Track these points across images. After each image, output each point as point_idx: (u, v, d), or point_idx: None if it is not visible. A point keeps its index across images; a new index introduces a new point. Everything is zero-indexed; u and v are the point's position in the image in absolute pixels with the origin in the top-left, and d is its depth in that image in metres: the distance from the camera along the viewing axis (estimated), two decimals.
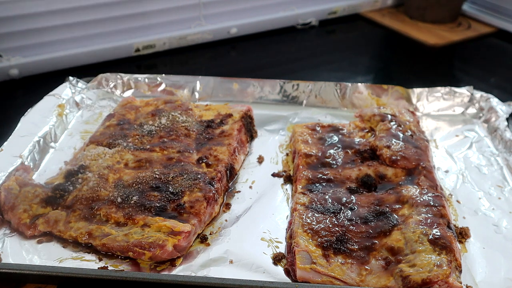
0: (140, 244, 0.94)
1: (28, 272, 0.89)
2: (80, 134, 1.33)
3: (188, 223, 0.99)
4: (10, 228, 1.02)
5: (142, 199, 1.04)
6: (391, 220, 1.00)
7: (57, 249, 0.98)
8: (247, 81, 1.50)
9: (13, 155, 1.16)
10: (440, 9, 2.13)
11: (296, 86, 1.48)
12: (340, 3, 2.22)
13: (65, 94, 1.41)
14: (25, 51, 1.70)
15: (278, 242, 1.01)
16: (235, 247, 0.99)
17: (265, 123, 1.40)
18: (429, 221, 0.97)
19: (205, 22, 1.96)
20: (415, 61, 1.96)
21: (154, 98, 1.42)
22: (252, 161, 1.26)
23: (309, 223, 0.99)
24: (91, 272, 0.89)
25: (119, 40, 1.84)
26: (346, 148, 1.21)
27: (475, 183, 1.18)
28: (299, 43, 2.05)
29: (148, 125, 1.28)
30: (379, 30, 2.18)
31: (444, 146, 1.31)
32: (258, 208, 1.10)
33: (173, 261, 0.95)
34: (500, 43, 2.05)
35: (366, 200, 1.06)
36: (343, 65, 1.92)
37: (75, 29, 1.76)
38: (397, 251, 0.93)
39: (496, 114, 1.36)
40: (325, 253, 0.94)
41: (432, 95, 1.46)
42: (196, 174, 1.10)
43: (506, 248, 1.00)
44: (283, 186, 1.17)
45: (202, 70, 1.83)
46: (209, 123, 1.29)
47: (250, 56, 1.97)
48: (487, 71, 1.85)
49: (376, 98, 1.46)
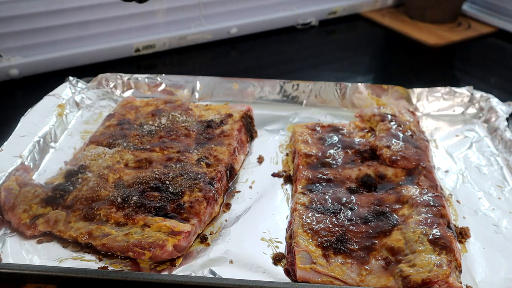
0: (140, 244, 0.94)
1: (28, 272, 0.89)
2: (80, 134, 1.33)
3: (188, 223, 0.99)
4: (10, 228, 1.02)
5: (142, 199, 1.04)
6: (391, 220, 1.00)
7: (57, 249, 0.98)
8: (247, 81, 1.50)
9: (13, 155, 1.16)
10: (440, 9, 2.13)
11: (296, 86, 1.48)
12: (340, 3, 2.22)
13: (65, 94, 1.41)
14: (25, 51, 1.70)
15: (278, 242, 1.01)
16: (235, 247, 0.99)
17: (265, 123, 1.40)
18: (429, 221, 0.97)
19: (205, 22, 1.96)
20: (415, 61, 1.96)
21: (154, 98, 1.42)
22: (252, 161, 1.26)
23: (309, 223, 0.99)
24: (91, 272, 0.89)
25: (119, 40, 1.84)
26: (346, 148, 1.21)
27: (475, 183, 1.18)
28: (299, 43, 2.05)
29: (148, 125, 1.28)
30: (379, 30, 2.18)
31: (444, 146, 1.31)
32: (258, 208, 1.10)
33: (173, 261, 0.95)
34: (500, 43, 2.05)
35: (366, 200, 1.06)
36: (343, 65, 1.92)
37: (75, 29, 1.76)
38: (397, 251, 0.93)
39: (496, 114, 1.36)
40: (325, 253, 0.94)
41: (432, 95, 1.46)
42: (196, 174, 1.10)
43: (506, 248, 1.00)
44: (283, 186, 1.17)
45: (202, 70, 1.83)
46: (209, 123, 1.29)
47: (250, 56, 1.97)
48: (487, 71, 1.85)
49: (376, 98, 1.46)
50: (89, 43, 1.80)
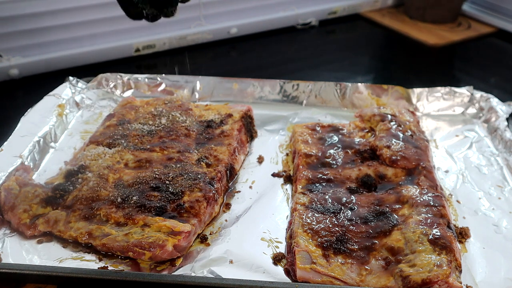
0: (140, 244, 0.94)
1: (28, 272, 0.89)
2: (80, 134, 1.33)
3: (188, 223, 0.99)
4: (10, 228, 1.02)
5: (142, 199, 1.04)
6: (391, 220, 1.00)
7: (57, 249, 0.98)
8: (247, 81, 1.50)
9: (13, 155, 1.16)
10: (440, 9, 2.13)
11: (296, 86, 1.48)
12: (340, 3, 2.22)
13: (65, 94, 1.41)
14: (25, 51, 1.70)
15: (278, 242, 1.01)
16: (235, 247, 0.99)
17: (265, 123, 1.40)
18: (429, 221, 0.97)
19: (205, 22, 1.97)
20: (415, 61, 1.96)
21: (154, 98, 1.42)
22: (252, 161, 1.26)
23: (309, 223, 0.99)
24: (91, 272, 0.89)
25: (119, 40, 1.84)
26: (346, 148, 1.21)
27: (475, 183, 1.18)
28: (299, 43, 2.05)
29: (148, 125, 1.27)
30: (379, 30, 2.18)
31: (444, 146, 1.31)
32: (258, 208, 1.10)
33: (173, 261, 0.95)
34: (500, 43, 2.05)
35: (366, 200, 1.06)
36: (343, 65, 1.92)
37: (75, 29, 1.76)
38: (397, 251, 0.93)
39: (496, 114, 1.36)
40: (325, 253, 0.94)
41: (432, 95, 1.46)
42: (196, 174, 1.10)
43: (506, 248, 1.00)
44: (283, 186, 1.17)
45: (202, 70, 1.83)
46: (209, 123, 1.29)
47: (250, 56, 1.97)
48: (487, 71, 1.85)
49: (376, 98, 1.46)
50: (89, 43, 1.80)
